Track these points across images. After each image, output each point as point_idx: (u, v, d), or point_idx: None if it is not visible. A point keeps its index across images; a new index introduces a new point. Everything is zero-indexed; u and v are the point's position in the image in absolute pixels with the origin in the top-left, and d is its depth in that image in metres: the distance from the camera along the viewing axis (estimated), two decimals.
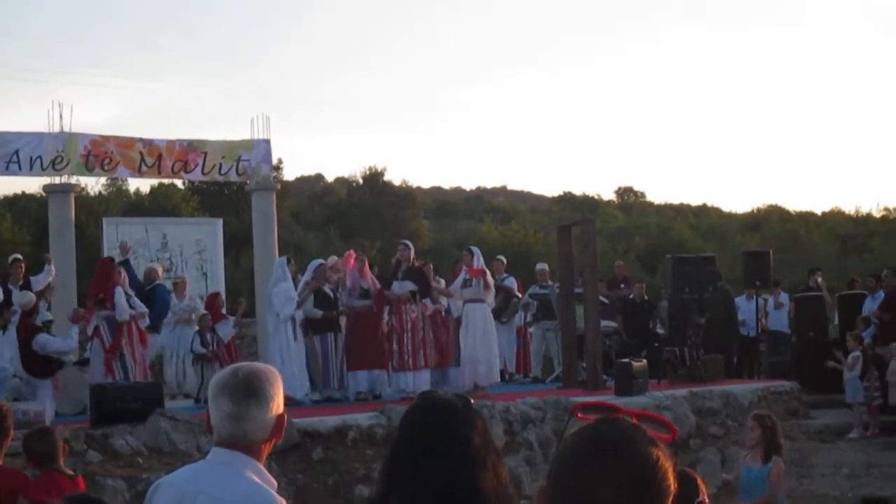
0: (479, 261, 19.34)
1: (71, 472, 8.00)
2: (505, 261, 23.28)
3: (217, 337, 20.20)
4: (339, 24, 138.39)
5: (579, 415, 2.96)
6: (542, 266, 23.76)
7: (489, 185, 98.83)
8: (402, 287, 18.73)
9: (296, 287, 18.69)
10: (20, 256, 19.55)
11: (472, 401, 3.53)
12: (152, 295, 19.75)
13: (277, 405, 4.02)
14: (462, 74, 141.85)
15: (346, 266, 19.51)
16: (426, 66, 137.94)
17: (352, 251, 20.25)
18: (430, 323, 19.10)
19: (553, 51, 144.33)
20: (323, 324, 18.61)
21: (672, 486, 2.48)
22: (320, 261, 19.49)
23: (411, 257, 19.19)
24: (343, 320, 19.25)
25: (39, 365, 16.75)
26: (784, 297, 25.22)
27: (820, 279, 25.85)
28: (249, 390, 3.96)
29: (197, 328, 20.29)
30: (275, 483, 4.00)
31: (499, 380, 19.65)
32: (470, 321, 19.20)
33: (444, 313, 19.96)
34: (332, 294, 18.87)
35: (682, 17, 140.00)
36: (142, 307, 17.96)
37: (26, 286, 18.11)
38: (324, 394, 18.55)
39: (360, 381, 18.84)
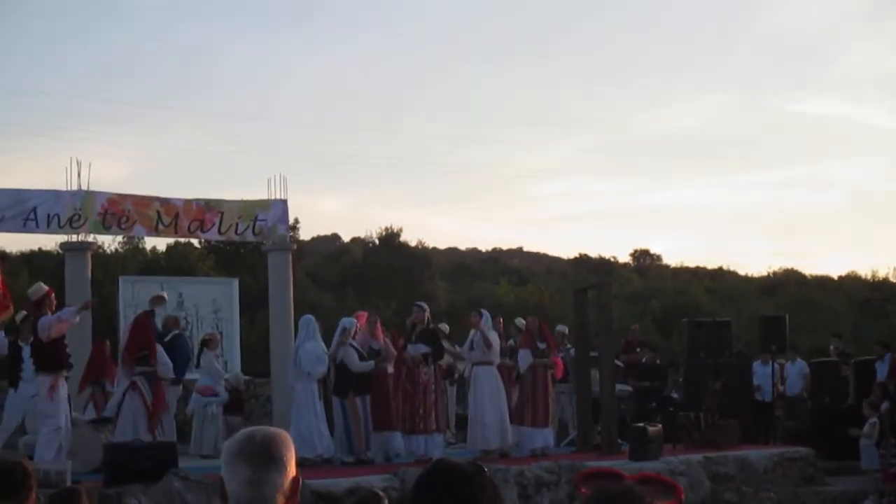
0: (487, 322, 19.30)
1: None
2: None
3: None
4: (354, 83, 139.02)
5: (583, 490, 2.98)
6: (561, 328, 23.59)
7: (505, 247, 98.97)
8: (415, 349, 18.68)
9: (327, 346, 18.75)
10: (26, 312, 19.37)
11: (485, 469, 3.53)
12: (173, 345, 19.62)
13: (292, 468, 4.03)
14: (478, 134, 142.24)
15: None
16: (443, 127, 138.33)
17: (363, 312, 20.28)
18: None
19: (566, 113, 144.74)
20: (363, 384, 18.56)
21: None
22: (353, 320, 19.41)
23: (426, 319, 19.14)
24: None
25: (49, 357, 16.12)
26: (800, 366, 25.16)
27: (833, 346, 25.83)
28: (268, 456, 3.96)
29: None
30: None
31: (511, 442, 19.42)
32: (477, 384, 19.14)
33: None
34: (364, 353, 18.81)
35: (694, 81, 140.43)
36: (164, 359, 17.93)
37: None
38: (359, 456, 18.35)
39: (379, 442, 18.81)
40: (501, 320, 20.60)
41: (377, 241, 60.72)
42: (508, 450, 19.04)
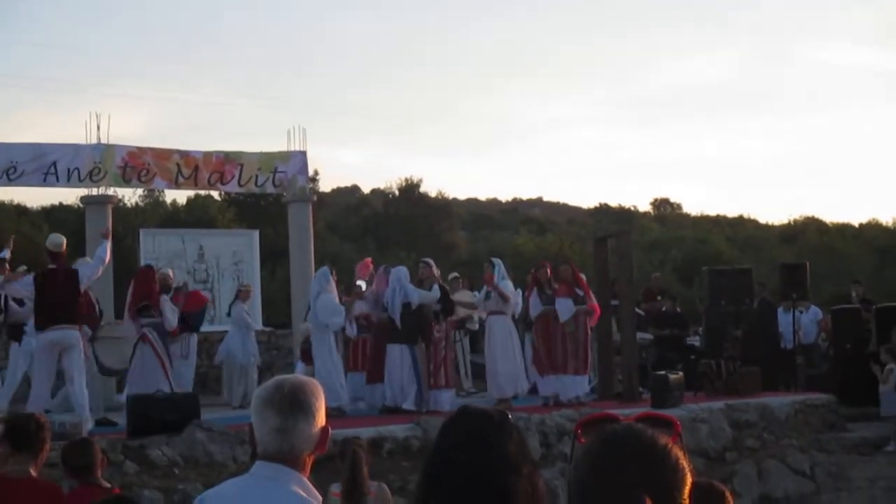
0: (500, 272, 19.21)
1: (108, 485, 7.96)
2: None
3: None
4: (375, 34, 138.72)
5: (582, 440, 3.00)
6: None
7: (525, 197, 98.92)
8: None
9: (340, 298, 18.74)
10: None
11: (509, 414, 3.54)
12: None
13: (321, 418, 4.06)
14: (498, 85, 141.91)
15: (363, 274, 19.45)
16: (463, 77, 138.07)
17: (369, 259, 20.28)
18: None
19: (586, 63, 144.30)
20: (424, 332, 18.40)
21: (687, 469, 2.56)
22: (404, 268, 19.35)
23: (433, 274, 19.11)
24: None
25: (80, 308, 15.65)
26: (813, 313, 25.27)
27: (854, 292, 25.79)
28: (296, 404, 3.99)
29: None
30: (319, 497, 4.03)
31: (524, 390, 19.45)
32: (491, 333, 19.15)
33: None
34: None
35: (714, 31, 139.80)
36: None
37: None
38: (426, 406, 18.00)
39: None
40: (549, 268, 20.14)
41: (397, 192, 60.59)
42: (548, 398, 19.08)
